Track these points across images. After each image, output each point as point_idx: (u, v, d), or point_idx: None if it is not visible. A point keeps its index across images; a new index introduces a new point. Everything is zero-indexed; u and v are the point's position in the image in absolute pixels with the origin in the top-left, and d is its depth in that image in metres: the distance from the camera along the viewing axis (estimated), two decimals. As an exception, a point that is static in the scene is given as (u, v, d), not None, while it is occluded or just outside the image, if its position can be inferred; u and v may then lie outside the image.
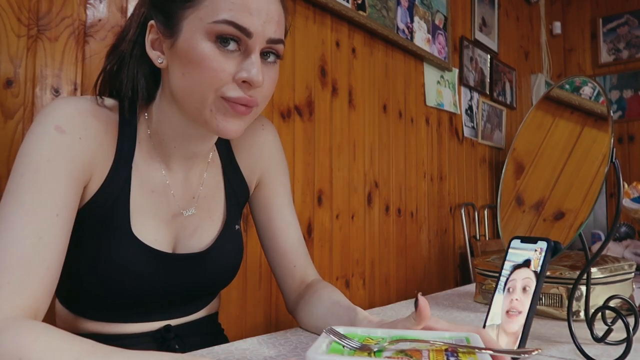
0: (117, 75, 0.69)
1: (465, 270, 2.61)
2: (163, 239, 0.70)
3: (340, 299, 0.72)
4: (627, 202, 1.50)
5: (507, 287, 0.63)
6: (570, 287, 0.84)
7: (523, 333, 0.57)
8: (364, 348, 0.48)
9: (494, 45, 3.02)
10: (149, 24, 0.65)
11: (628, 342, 0.61)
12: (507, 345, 0.58)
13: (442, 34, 2.42)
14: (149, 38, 0.65)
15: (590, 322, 0.69)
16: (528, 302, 0.59)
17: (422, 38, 2.25)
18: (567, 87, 0.78)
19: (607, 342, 0.68)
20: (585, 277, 0.71)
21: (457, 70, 2.61)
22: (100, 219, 0.66)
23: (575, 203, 0.70)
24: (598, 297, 0.84)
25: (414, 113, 2.27)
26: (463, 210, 2.59)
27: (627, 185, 1.50)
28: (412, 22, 2.18)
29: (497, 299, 0.64)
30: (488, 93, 2.94)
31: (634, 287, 0.94)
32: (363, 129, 1.94)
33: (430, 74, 2.39)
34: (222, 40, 0.59)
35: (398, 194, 2.14)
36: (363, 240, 1.92)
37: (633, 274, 0.92)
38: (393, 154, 2.12)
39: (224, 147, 0.81)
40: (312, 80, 1.70)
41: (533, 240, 0.64)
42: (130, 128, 0.69)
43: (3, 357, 0.48)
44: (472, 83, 2.74)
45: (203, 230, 0.75)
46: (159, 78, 0.69)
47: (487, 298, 0.99)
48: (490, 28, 2.98)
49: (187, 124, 0.68)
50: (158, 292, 0.70)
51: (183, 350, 0.71)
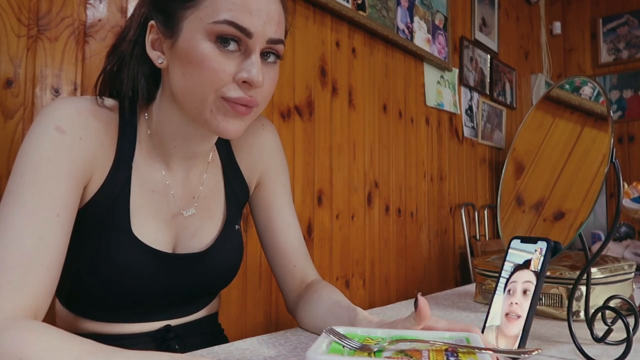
0: (117, 76, 0.69)
1: (465, 270, 2.61)
2: (163, 239, 0.70)
3: (340, 299, 0.72)
4: (627, 202, 1.50)
5: (507, 288, 0.63)
6: (570, 287, 0.84)
7: (523, 333, 0.57)
8: (364, 348, 0.48)
9: (494, 45, 3.02)
10: (149, 24, 0.65)
11: (628, 342, 0.61)
12: (506, 347, 0.58)
13: (442, 34, 2.42)
14: (149, 38, 0.65)
15: (590, 322, 0.69)
16: (527, 306, 0.59)
17: (422, 38, 2.25)
18: (567, 87, 0.78)
19: (607, 342, 0.68)
20: (585, 277, 0.71)
21: (457, 70, 2.61)
22: (101, 219, 0.66)
23: (575, 203, 0.70)
24: (598, 297, 0.84)
25: (414, 113, 2.27)
26: (463, 210, 2.59)
27: (627, 185, 1.50)
28: (412, 22, 2.18)
29: (497, 300, 0.64)
30: (488, 93, 2.94)
31: (634, 287, 0.94)
32: (363, 129, 1.94)
33: (430, 74, 2.39)
34: (222, 41, 0.59)
35: (398, 194, 2.14)
36: (363, 240, 1.92)
37: (633, 274, 0.92)
38: (393, 154, 2.12)
39: (224, 147, 0.81)
40: (312, 80, 1.70)
41: (533, 240, 0.64)
42: (131, 128, 0.69)
43: (3, 357, 0.48)
44: (472, 83, 2.74)
45: (203, 230, 0.75)
46: (159, 78, 0.69)
47: (487, 298, 0.99)
48: (490, 28, 2.98)
49: (187, 124, 0.68)
50: (158, 292, 0.70)
51: (183, 350, 0.71)
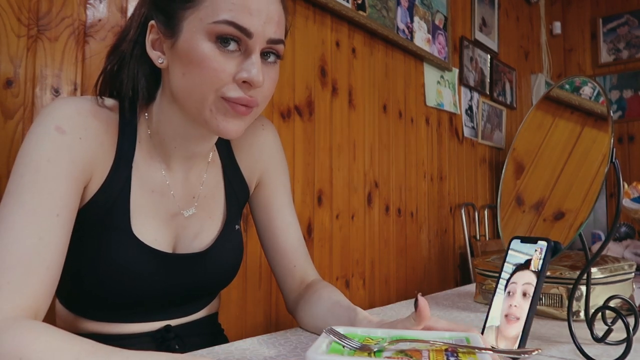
0: (117, 76, 0.69)
1: (465, 270, 2.61)
2: (163, 239, 0.70)
3: (340, 299, 0.72)
4: (627, 202, 1.50)
5: (507, 289, 0.63)
6: (570, 287, 0.84)
7: (523, 334, 0.57)
8: (364, 348, 0.48)
9: (494, 45, 3.02)
10: (150, 24, 0.65)
11: (628, 342, 0.61)
12: (506, 348, 0.58)
13: (442, 34, 2.42)
14: (150, 38, 0.65)
15: (590, 322, 0.69)
16: (527, 308, 0.59)
17: (422, 38, 2.25)
18: (567, 87, 0.78)
19: (607, 342, 0.68)
20: (585, 277, 0.71)
21: (457, 70, 2.61)
22: (101, 219, 0.66)
23: (575, 203, 0.70)
24: (598, 297, 0.84)
25: (414, 113, 2.27)
26: (463, 210, 2.59)
27: (627, 185, 1.50)
28: (412, 22, 2.18)
29: (496, 301, 0.64)
30: (488, 93, 2.94)
31: (634, 287, 0.94)
32: (363, 129, 1.94)
33: (430, 74, 2.39)
34: (222, 41, 0.60)
35: (398, 194, 2.14)
36: (363, 240, 1.92)
37: (633, 274, 0.92)
38: (393, 154, 2.12)
39: (224, 147, 0.81)
40: (312, 80, 1.70)
41: (533, 240, 0.64)
42: (131, 128, 0.69)
43: (3, 357, 0.48)
44: (472, 83, 2.74)
45: (203, 230, 0.75)
46: (160, 78, 0.69)
47: (487, 298, 0.99)
48: (490, 28, 2.98)
49: (187, 124, 0.68)
50: (158, 292, 0.70)
51: (183, 350, 0.71)
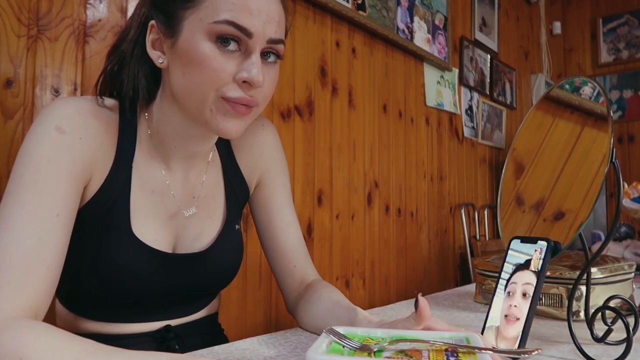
0: (117, 76, 0.69)
1: (465, 270, 2.61)
2: (163, 239, 0.70)
3: (340, 299, 0.72)
4: (627, 202, 1.50)
5: (507, 289, 0.63)
6: (570, 287, 0.84)
7: (523, 334, 0.57)
8: (364, 348, 0.48)
9: (494, 45, 3.02)
10: (150, 24, 0.65)
11: (628, 342, 0.61)
12: (506, 348, 0.58)
13: (442, 34, 2.42)
14: (150, 38, 0.65)
15: (590, 322, 0.69)
16: (526, 309, 0.59)
17: (422, 38, 2.25)
18: (567, 87, 0.78)
19: (607, 342, 0.68)
20: (585, 277, 0.71)
21: (457, 70, 2.61)
22: (101, 219, 0.66)
23: (575, 203, 0.70)
24: (598, 297, 0.84)
25: (414, 113, 2.27)
26: (463, 210, 2.59)
27: (627, 185, 1.50)
28: (412, 22, 2.18)
29: (496, 301, 0.64)
30: (488, 93, 2.94)
31: (634, 287, 0.94)
32: (363, 129, 1.94)
33: (430, 74, 2.39)
34: (222, 41, 0.60)
35: (398, 194, 2.14)
36: (363, 240, 1.92)
37: (633, 274, 0.92)
38: (393, 154, 2.12)
39: (224, 147, 0.81)
40: (312, 80, 1.70)
41: (533, 240, 0.64)
42: (131, 128, 0.69)
43: (3, 357, 0.48)
44: (472, 83, 2.74)
45: (203, 230, 0.75)
46: (160, 78, 0.69)
47: (487, 298, 0.99)
48: (490, 28, 2.98)
49: (187, 124, 0.68)
50: (158, 292, 0.70)
51: (183, 350, 0.71)
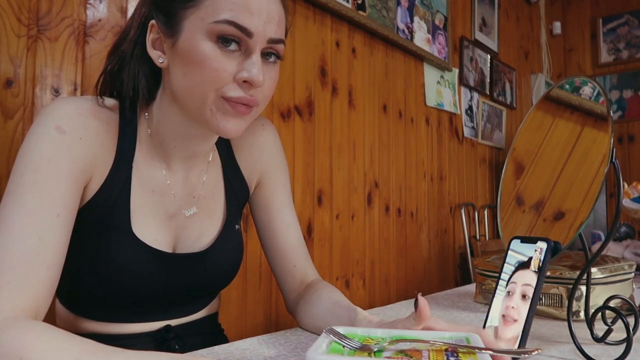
0: (118, 75, 0.69)
1: (465, 270, 2.61)
2: (163, 239, 0.70)
3: (340, 299, 0.72)
4: (627, 202, 1.50)
5: (507, 289, 0.63)
6: (570, 287, 0.84)
7: (523, 334, 0.57)
8: (364, 348, 0.48)
9: (494, 45, 3.02)
10: (150, 24, 0.65)
11: (628, 342, 0.61)
12: (505, 348, 0.58)
13: (442, 34, 2.42)
14: (150, 37, 0.65)
15: (590, 322, 0.69)
16: (525, 310, 0.58)
17: (422, 38, 2.25)
18: (567, 87, 0.78)
19: (607, 342, 0.68)
20: (585, 277, 0.71)
21: (457, 70, 2.61)
22: (101, 219, 0.66)
23: (575, 203, 0.70)
24: (598, 297, 0.84)
25: (414, 113, 2.27)
26: (463, 210, 2.59)
27: (627, 185, 1.50)
28: (412, 22, 2.18)
29: (496, 301, 0.64)
30: (488, 93, 2.94)
31: (634, 287, 0.94)
32: (363, 129, 1.94)
33: (430, 74, 2.39)
34: (223, 40, 0.60)
35: (398, 194, 2.14)
36: (363, 240, 1.92)
37: (633, 274, 0.92)
38: (393, 154, 2.12)
39: (224, 146, 0.81)
40: (312, 80, 1.70)
41: (533, 240, 0.64)
42: (131, 128, 0.69)
43: (3, 357, 0.48)
44: (472, 83, 2.74)
45: (203, 230, 0.75)
46: (160, 78, 0.69)
47: (487, 298, 0.99)
48: (490, 28, 2.98)
49: (187, 124, 0.68)
50: (158, 292, 0.70)
51: (183, 350, 0.71)
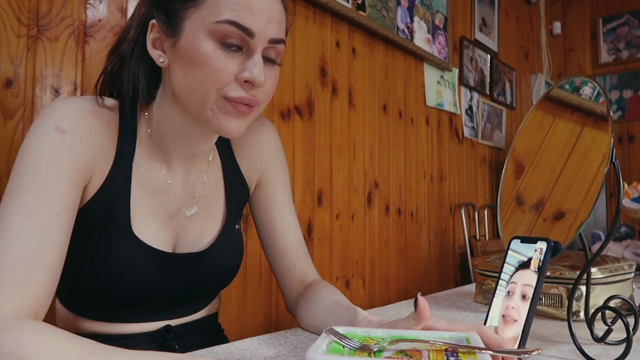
0: (118, 75, 0.69)
1: (465, 270, 2.61)
2: (163, 239, 0.70)
3: (340, 299, 0.72)
4: (627, 202, 1.50)
5: (507, 289, 0.63)
6: (570, 287, 0.84)
7: (523, 334, 0.57)
8: (364, 348, 0.48)
9: (494, 45, 3.02)
10: (150, 23, 0.65)
11: (628, 342, 0.61)
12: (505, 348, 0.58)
13: (442, 34, 2.42)
14: (150, 37, 0.65)
15: (590, 322, 0.69)
16: (525, 310, 0.58)
17: (422, 38, 2.25)
18: (567, 87, 0.78)
19: (607, 342, 0.68)
20: (585, 277, 0.71)
21: (457, 70, 2.61)
22: (101, 219, 0.66)
23: (575, 203, 0.70)
24: (598, 297, 0.84)
25: (414, 113, 2.27)
26: (463, 210, 2.59)
27: (627, 185, 1.50)
28: (412, 22, 2.18)
29: (496, 301, 0.64)
30: (488, 93, 2.94)
31: (634, 287, 0.94)
32: (363, 129, 1.94)
33: (430, 74, 2.39)
34: (224, 40, 0.60)
35: (398, 194, 2.14)
36: (363, 240, 1.92)
37: (633, 274, 0.92)
38: (393, 154, 2.12)
39: (224, 146, 0.81)
40: (312, 80, 1.70)
41: (533, 240, 0.64)
42: (131, 128, 0.69)
43: (3, 357, 0.48)
44: (472, 83, 2.74)
45: (203, 230, 0.75)
46: (160, 77, 0.69)
47: (487, 298, 0.99)
48: (490, 28, 2.98)
49: (188, 123, 0.68)
50: (158, 291, 0.70)
51: (183, 350, 0.71)
